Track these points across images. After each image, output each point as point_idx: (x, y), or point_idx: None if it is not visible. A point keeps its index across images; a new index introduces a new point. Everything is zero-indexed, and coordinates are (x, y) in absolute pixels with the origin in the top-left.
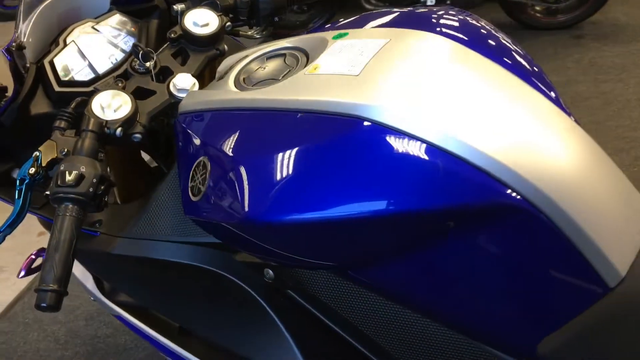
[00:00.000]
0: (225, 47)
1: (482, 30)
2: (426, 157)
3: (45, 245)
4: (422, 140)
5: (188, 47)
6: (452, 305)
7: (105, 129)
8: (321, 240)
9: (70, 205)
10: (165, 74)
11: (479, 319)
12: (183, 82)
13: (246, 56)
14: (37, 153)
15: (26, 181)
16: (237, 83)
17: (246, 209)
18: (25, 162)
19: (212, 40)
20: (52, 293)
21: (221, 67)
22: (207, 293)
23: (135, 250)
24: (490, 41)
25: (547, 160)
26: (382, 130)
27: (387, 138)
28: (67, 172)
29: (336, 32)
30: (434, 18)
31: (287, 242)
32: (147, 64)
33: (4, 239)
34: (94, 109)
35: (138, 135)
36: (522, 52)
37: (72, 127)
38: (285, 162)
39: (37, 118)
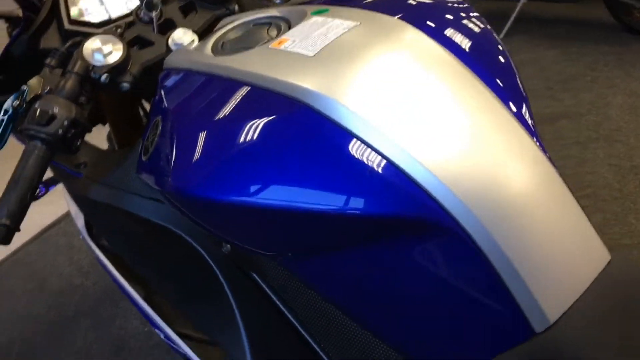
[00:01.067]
0: (237, 7)
1: (469, 30)
2: (357, 156)
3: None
4: (357, 138)
5: (198, 2)
6: (375, 314)
7: (92, 73)
8: (242, 224)
9: (39, 144)
10: (168, 27)
11: (398, 333)
12: (182, 37)
13: (238, 20)
14: (24, 87)
15: (9, 113)
16: (215, 47)
17: (172, 178)
18: (13, 94)
19: None
20: (2, 227)
21: (216, 28)
22: (170, 255)
23: (109, 198)
24: (470, 43)
25: (489, 183)
26: (319, 119)
27: (321, 129)
28: (39, 111)
29: (318, 8)
30: (425, 8)
31: (210, 219)
32: (152, 13)
33: None
34: (84, 52)
35: (126, 85)
36: (503, 58)
37: (62, 67)
38: (219, 136)
39: (46, 53)
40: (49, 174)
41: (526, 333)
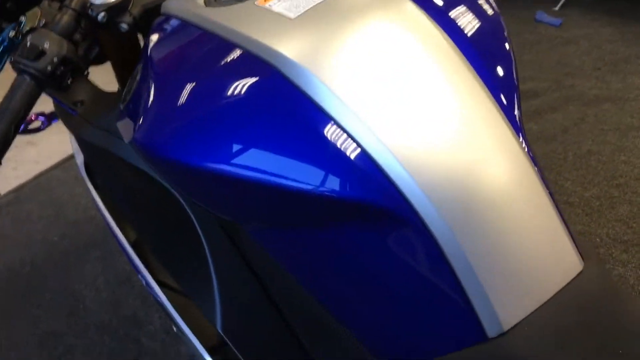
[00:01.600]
0: None
1: (472, 11)
2: (321, 132)
3: (47, 110)
4: (324, 113)
5: None
6: (332, 293)
7: (89, 10)
8: (203, 187)
9: (27, 79)
10: None
11: (353, 316)
12: None
13: None
14: (22, 18)
15: (4, 43)
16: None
17: (138, 131)
18: (12, 24)
19: None
20: None
21: None
22: (154, 203)
23: (99, 140)
24: (469, 26)
25: (456, 177)
26: (287, 87)
27: (288, 98)
28: (29, 44)
29: None
30: None
31: (171, 177)
32: None
33: None
34: None
35: (125, 26)
36: (502, 44)
37: (61, 0)
38: (188, 93)
39: None
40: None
41: (478, 336)
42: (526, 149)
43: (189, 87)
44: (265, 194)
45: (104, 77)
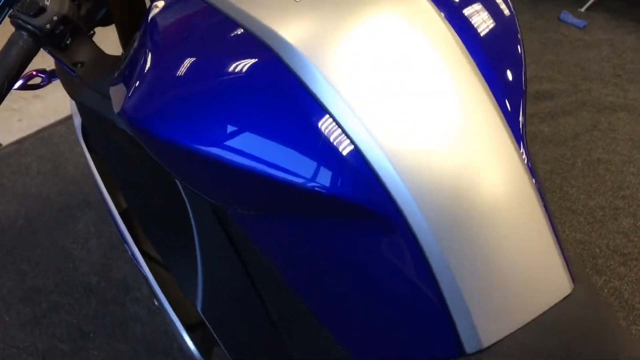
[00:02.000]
0: None
1: (485, 9)
2: (314, 123)
3: (49, 68)
4: (319, 104)
5: None
6: (309, 286)
7: None
8: (185, 167)
9: (25, 35)
10: None
11: (329, 313)
12: None
13: None
14: None
15: None
16: None
17: (125, 102)
18: None
19: None
20: None
21: None
22: (144, 173)
23: (95, 104)
24: (481, 24)
25: (448, 185)
26: (283, 73)
27: (282, 84)
28: (30, 0)
29: None
30: None
31: (154, 152)
32: None
33: None
34: None
35: None
36: (514, 45)
37: None
38: (180, 69)
39: None
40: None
41: (456, 350)
42: (525, 160)
43: (183, 62)
44: (250, 181)
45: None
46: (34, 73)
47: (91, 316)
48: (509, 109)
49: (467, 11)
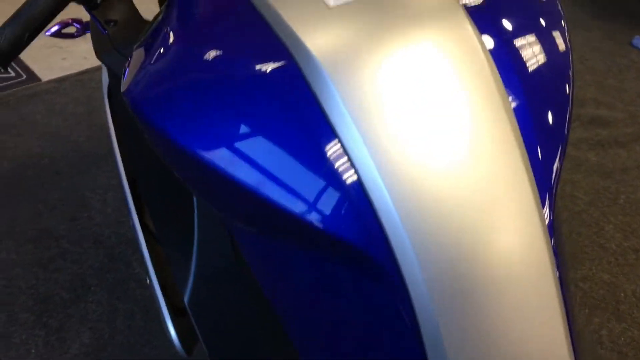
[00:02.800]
0: None
1: (535, 33)
2: (323, 154)
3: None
4: (331, 130)
5: None
6: (288, 310)
7: None
8: (181, 164)
9: None
10: None
11: (302, 341)
12: None
13: None
14: None
15: None
16: None
17: (132, 82)
18: None
19: None
20: None
21: None
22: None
23: (117, 66)
24: (527, 54)
25: (455, 247)
26: (300, 86)
27: (297, 98)
28: None
29: None
30: None
31: (157, 145)
32: None
33: None
34: None
35: None
36: (563, 80)
37: None
38: (195, 61)
39: None
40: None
41: None
42: (548, 219)
43: (198, 53)
44: (243, 195)
45: None
46: (70, 21)
47: (96, 268)
48: (540, 158)
49: (516, 42)
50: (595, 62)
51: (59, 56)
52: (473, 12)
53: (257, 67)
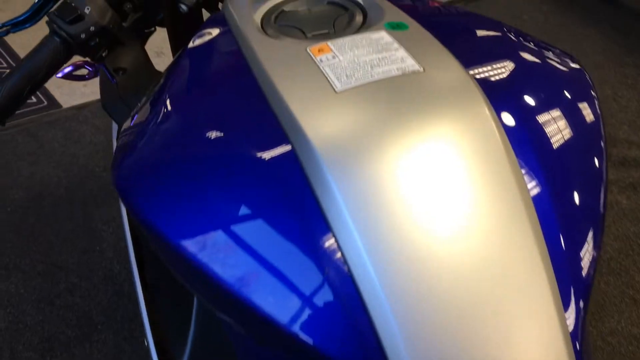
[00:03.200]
0: None
1: (565, 121)
2: (319, 255)
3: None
4: (329, 231)
5: None
6: None
7: None
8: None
9: (57, 41)
10: None
11: None
12: None
13: None
14: None
15: None
16: (272, 12)
17: (117, 159)
18: None
19: None
20: None
21: None
22: None
23: (119, 116)
24: (556, 148)
25: None
26: (297, 179)
27: (292, 191)
28: (68, 5)
29: (399, 19)
30: (520, 64)
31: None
32: None
33: (6, 34)
34: None
35: (184, 7)
36: (592, 166)
37: None
38: (185, 142)
39: None
40: None
41: None
42: (572, 326)
43: (192, 136)
44: (226, 296)
45: None
46: (82, 63)
47: (104, 306)
48: (565, 250)
49: (539, 121)
50: (629, 101)
51: (81, 82)
52: (491, 89)
53: (253, 155)
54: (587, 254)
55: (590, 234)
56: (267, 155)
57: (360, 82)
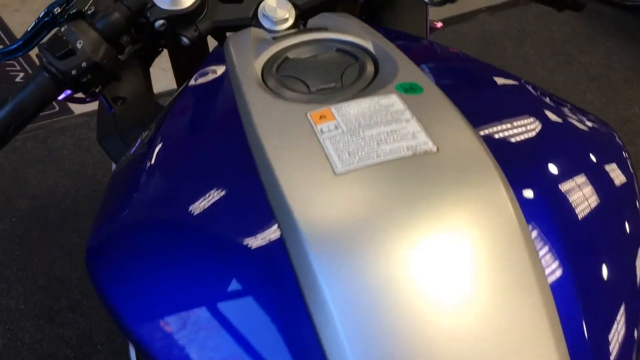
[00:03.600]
0: None
1: (600, 207)
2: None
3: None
4: (313, 332)
5: None
6: None
7: (148, 12)
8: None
9: (46, 76)
10: None
11: None
12: (274, 8)
13: (331, 31)
14: None
15: (46, 18)
16: (269, 64)
17: (92, 234)
18: None
19: None
20: None
21: (309, 23)
22: None
23: (115, 153)
24: (588, 245)
25: None
26: (285, 269)
27: (278, 288)
28: (59, 38)
29: (412, 79)
30: (549, 138)
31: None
32: None
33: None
34: None
35: (186, 40)
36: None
37: None
38: (168, 227)
39: None
40: None
41: None
42: None
43: (172, 208)
44: None
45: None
46: None
47: (105, 325)
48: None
49: (565, 190)
50: None
51: None
52: (511, 162)
53: (236, 237)
54: (619, 337)
55: (624, 316)
56: (250, 240)
57: (363, 162)
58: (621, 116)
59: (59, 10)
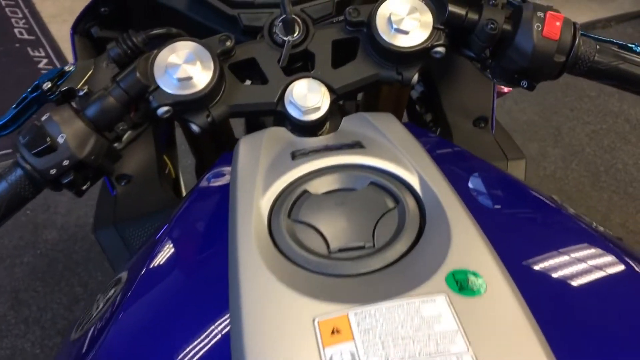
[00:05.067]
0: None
1: None
2: None
3: None
4: None
5: (368, 45)
6: None
7: (150, 95)
8: None
9: (20, 175)
10: (305, 65)
11: None
12: (304, 94)
13: (368, 153)
14: (70, 67)
15: (35, 93)
16: (282, 197)
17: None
18: (53, 69)
19: (421, 53)
20: None
21: (344, 125)
22: None
23: (110, 249)
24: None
25: None
26: None
27: None
28: (38, 129)
29: (466, 264)
30: None
31: None
32: (287, 36)
33: None
34: (157, 62)
35: (196, 128)
36: None
37: (124, 61)
38: None
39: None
40: None
41: None
42: None
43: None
44: None
45: None
46: None
47: None
48: None
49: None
50: None
51: None
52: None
53: None
54: None
55: None
56: None
57: None
58: None
59: (49, 86)
